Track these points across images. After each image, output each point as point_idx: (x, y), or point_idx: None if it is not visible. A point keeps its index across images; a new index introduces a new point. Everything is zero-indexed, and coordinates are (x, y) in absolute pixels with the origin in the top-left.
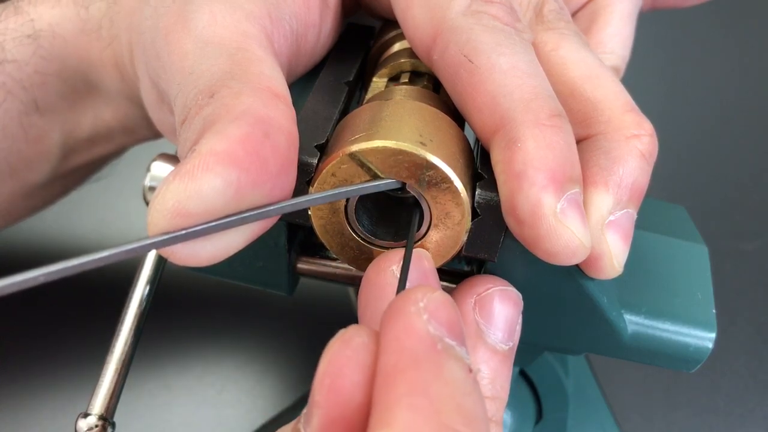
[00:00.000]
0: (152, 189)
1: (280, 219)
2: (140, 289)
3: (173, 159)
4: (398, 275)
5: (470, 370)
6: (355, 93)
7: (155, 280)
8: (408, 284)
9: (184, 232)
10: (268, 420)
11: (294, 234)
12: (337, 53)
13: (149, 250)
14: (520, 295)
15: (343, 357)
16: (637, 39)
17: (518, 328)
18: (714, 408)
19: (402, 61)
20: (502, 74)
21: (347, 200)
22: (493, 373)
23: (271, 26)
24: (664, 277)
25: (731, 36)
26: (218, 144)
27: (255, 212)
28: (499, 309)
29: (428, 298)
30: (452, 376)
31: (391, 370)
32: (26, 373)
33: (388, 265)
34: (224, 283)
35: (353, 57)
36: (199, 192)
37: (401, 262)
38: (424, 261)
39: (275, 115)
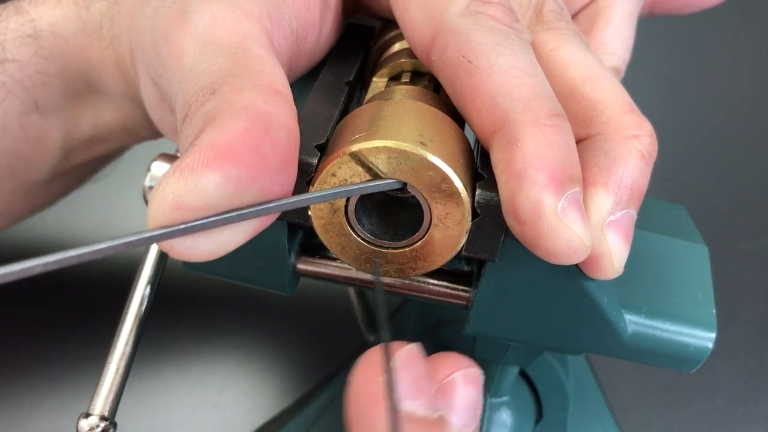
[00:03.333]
0: (152, 189)
1: (280, 219)
2: (141, 289)
3: (173, 159)
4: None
5: None
6: (355, 93)
7: (156, 281)
8: (401, 393)
9: (183, 226)
10: (268, 420)
11: (294, 234)
12: (337, 53)
13: (148, 243)
14: (480, 372)
15: None
16: (637, 40)
17: (480, 405)
18: (714, 408)
19: (402, 60)
20: (501, 74)
21: (347, 200)
22: None
23: (271, 26)
24: (664, 277)
25: (731, 36)
26: (218, 138)
27: (255, 209)
28: (460, 394)
29: None
30: None
31: None
32: (27, 373)
33: (376, 372)
34: (224, 283)
35: (353, 57)
36: (199, 186)
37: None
38: (415, 363)
39: (276, 110)
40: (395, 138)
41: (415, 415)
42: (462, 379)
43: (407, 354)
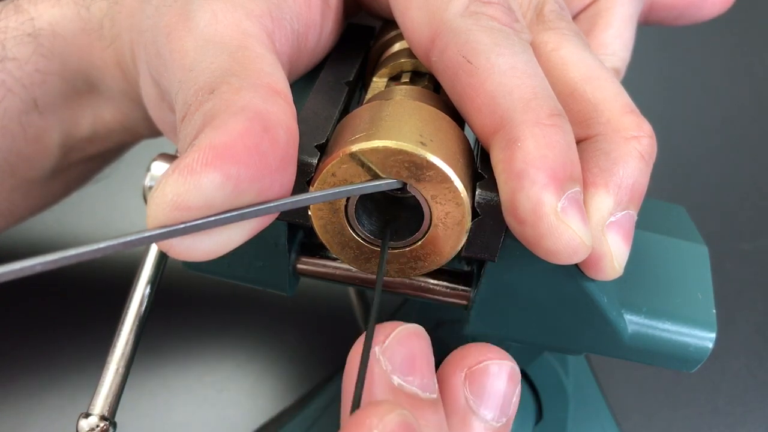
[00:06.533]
0: (152, 189)
1: (280, 219)
2: (141, 289)
3: (173, 159)
4: (381, 358)
5: None
6: (355, 93)
7: (156, 281)
8: (392, 366)
9: (182, 225)
10: (268, 420)
11: (294, 234)
12: (337, 53)
13: (147, 243)
14: (518, 369)
15: None
16: (637, 41)
17: (515, 401)
18: (714, 408)
19: (402, 60)
20: (501, 74)
21: (347, 200)
22: None
23: (272, 25)
24: (664, 277)
25: (731, 36)
26: (217, 138)
27: (254, 208)
28: (492, 384)
29: (384, 423)
30: None
31: None
32: (27, 373)
33: (372, 344)
34: (224, 283)
35: (353, 57)
36: (198, 186)
37: (385, 341)
38: (414, 341)
39: (275, 110)
40: (395, 138)
41: (404, 390)
42: (496, 369)
43: (406, 330)
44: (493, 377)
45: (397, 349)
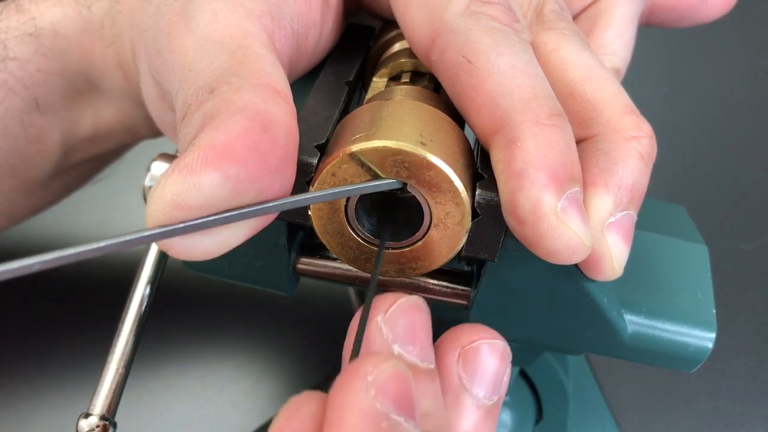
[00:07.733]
0: (152, 188)
1: (280, 219)
2: (141, 289)
3: (173, 159)
4: (383, 327)
5: None
6: (355, 93)
7: (156, 281)
8: (393, 335)
9: (182, 225)
10: (268, 420)
11: (294, 234)
12: (337, 53)
13: (147, 242)
14: (508, 347)
15: (289, 427)
16: (637, 41)
17: (506, 380)
18: (714, 408)
19: (402, 60)
20: (500, 74)
21: (347, 200)
22: (474, 428)
23: (272, 25)
24: (664, 277)
25: (731, 36)
26: (217, 138)
27: (254, 208)
28: (484, 363)
29: (378, 370)
30: None
31: None
32: (27, 373)
33: (373, 315)
34: (224, 283)
35: (353, 57)
36: (198, 185)
37: (387, 311)
38: (415, 312)
39: (274, 110)
40: (395, 138)
41: (405, 359)
42: (488, 349)
43: (408, 302)
44: (485, 356)
45: (399, 320)
